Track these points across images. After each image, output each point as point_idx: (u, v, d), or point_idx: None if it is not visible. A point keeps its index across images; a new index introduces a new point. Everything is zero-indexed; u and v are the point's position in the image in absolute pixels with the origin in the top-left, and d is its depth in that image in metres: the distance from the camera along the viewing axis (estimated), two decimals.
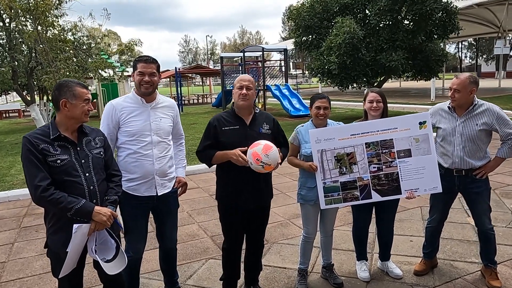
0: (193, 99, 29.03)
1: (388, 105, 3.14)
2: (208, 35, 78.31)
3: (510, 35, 29.05)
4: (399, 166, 2.89)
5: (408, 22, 11.59)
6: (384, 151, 2.89)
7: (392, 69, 10.64)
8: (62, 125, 2.21)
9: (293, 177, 6.48)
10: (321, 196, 2.94)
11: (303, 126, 3.08)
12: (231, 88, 19.73)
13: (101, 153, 2.33)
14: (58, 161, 2.12)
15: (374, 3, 10.93)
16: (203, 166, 7.03)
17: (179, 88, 20.89)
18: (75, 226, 2.08)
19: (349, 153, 2.90)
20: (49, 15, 6.63)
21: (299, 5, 12.47)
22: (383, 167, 2.90)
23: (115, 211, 2.33)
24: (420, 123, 2.88)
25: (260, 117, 2.83)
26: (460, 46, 60.42)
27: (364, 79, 11.22)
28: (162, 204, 2.81)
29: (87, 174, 2.20)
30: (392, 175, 2.90)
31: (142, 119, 2.67)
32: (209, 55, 74.37)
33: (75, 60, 10.67)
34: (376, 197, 2.93)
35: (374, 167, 2.90)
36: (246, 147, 2.61)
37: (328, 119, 3.04)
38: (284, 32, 77.53)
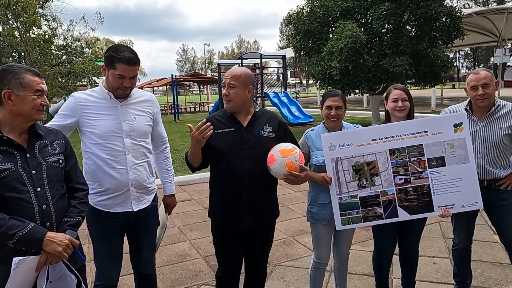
0: (190, 107, 28.61)
1: None
2: (205, 44, 78.12)
3: (509, 44, 28.90)
4: (431, 177, 2.39)
5: (411, 28, 11.22)
6: (412, 159, 2.39)
7: (395, 75, 10.21)
8: (6, 124, 1.70)
9: (295, 188, 5.96)
10: (336, 215, 2.43)
11: (313, 130, 2.58)
12: None
13: (60, 161, 1.82)
14: None
15: (376, 7, 10.55)
16: (197, 175, 6.55)
17: (175, 97, 20.41)
18: (15, 260, 1.56)
19: (370, 162, 2.40)
20: (31, 12, 6.15)
21: (299, 10, 12.09)
22: (411, 178, 2.40)
23: (77, 237, 1.81)
24: (455, 125, 2.39)
25: (261, 117, 2.32)
26: (457, 55, 60.52)
27: (367, 85, 10.78)
28: (138, 222, 2.31)
29: (38, 189, 1.69)
30: (423, 188, 2.40)
31: (110, 118, 2.17)
32: (207, 64, 74.24)
33: (68, 66, 10.23)
34: (403, 216, 2.42)
35: (400, 179, 2.40)
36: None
37: (343, 122, 2.55)
38: (282, 41, 77.60)
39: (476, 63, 58.21)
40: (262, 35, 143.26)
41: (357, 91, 11.73)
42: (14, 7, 5.55)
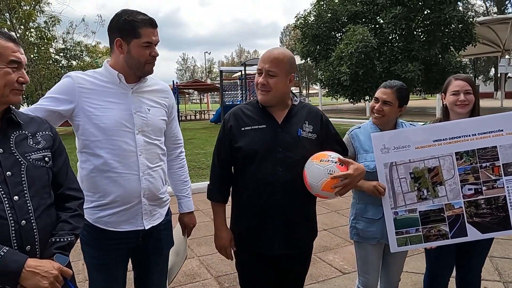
0: (190, 115, 28.23)
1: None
2: (206, 52, 77.86)
3: None
4: (507, 187, 1.94)
5: (421, 33, 10.91)
6: (484, 164, 1.95)
7: (407, 81, 9.84)
8: None
9: None
10: (391, 233, 1.97)
11: (359, 127, 2.14)
12: (230, 103, 19.02)
13: (46, 159, 1.36)
14: None
15: (387, 11, 10.24)
16: (203, 184, 6.07)
17: (177, 104, 20.04)
18: None
19: (432, 168, 1.96)
20: (28, 8, 5.74)
21: (306, 14, 11.78)
22: (484, 188, 1.95)
23: (67, 264, 1.34)
24: None
25: (300, 112, 1.85)
26: None
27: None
28: (150, 243, 1.83)
29: (15, 198, 1.24)
30: (497, 200, 1.95)
31: (119, 108, 1.69)
32: (207, 73, 74.21)
33: (67, 71, 9.87)
34: (473, 234, 1.96)
35: (469, 189, 1.95)
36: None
37: (399, 119, 2.11)
38: None
39: (476, 74, 58.19)
40: (262, 45, 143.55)
41: (367, 98, 11.35)
42: (8, 0, 5.20)
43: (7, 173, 1.23)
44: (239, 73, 19.68)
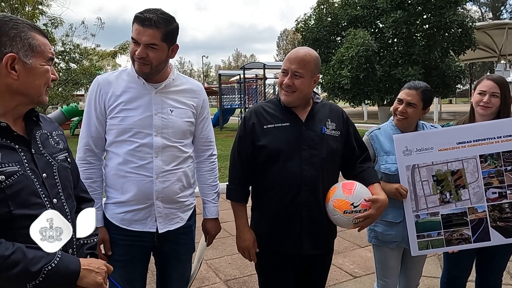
0: None
1: None
2: (204, 55, 77.83)
3: (509, 59, 28.95)
4: None
5: (421, 38, 10.96)
6: (509, 168, 1.92)
7: None
8: None
9: None
10: (412, 237, 1.94)
11: (379, 128, 2.11)
12: (229, 106, 18.97)
13: (69, 160, 1.31)
14: (1, 177, 1.05)
15: (387, 15, 10.28)
16: None
17: None
18: None
19: (455, 170, 1.93)
20: (30, 9, 5.68)
21: (307, 17, 11.81)
22: (508, 192, 1.92)
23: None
24: None
25: (322, 110, 1.82)
26: None
27: (378, 95, 10.42)
28: (166, 246, 1.79)
29: (54, 201, 1.17)
30: None
31: (139, 109, 1.67)
32: (204, 77, 74.25)
33: (62, 66, 9.79)
34: (497, 239, 1.93)
35: (493, 193, 1.92)
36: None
37: (420, 121, 2.08)
38: (279, 55, 78.00)
39: (473, 79, 58.66)
40: (258, 50, 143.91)
41: (367, 101, 11.37)
42: (12, 1, 5.14)
43: (43, 174, 1.16)
44: (237, 77, 19.65)
